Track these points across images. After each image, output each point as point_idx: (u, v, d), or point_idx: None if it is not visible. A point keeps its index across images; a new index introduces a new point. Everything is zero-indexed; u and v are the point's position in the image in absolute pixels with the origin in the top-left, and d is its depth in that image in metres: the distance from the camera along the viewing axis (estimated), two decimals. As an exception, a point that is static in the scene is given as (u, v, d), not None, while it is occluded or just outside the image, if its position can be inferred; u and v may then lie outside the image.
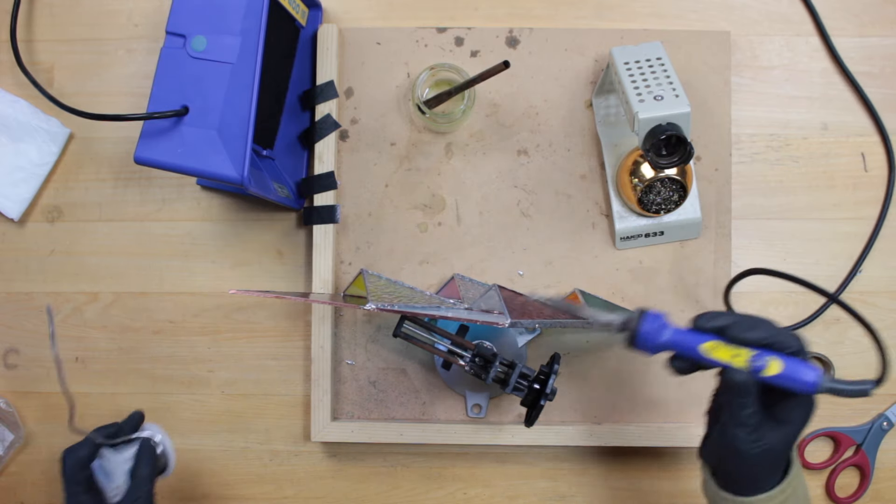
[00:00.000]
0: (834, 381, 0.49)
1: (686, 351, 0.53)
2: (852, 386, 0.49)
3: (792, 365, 0.50)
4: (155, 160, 0.60)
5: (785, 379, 0.49)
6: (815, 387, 0.49)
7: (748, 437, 0.51)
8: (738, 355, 0.51)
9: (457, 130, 0.76)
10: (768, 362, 0.50)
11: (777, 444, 0.51)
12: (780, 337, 0.51)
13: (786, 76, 0.77)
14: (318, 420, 0.73)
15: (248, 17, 0.61)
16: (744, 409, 0.50)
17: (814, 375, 0.49)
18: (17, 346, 0.78)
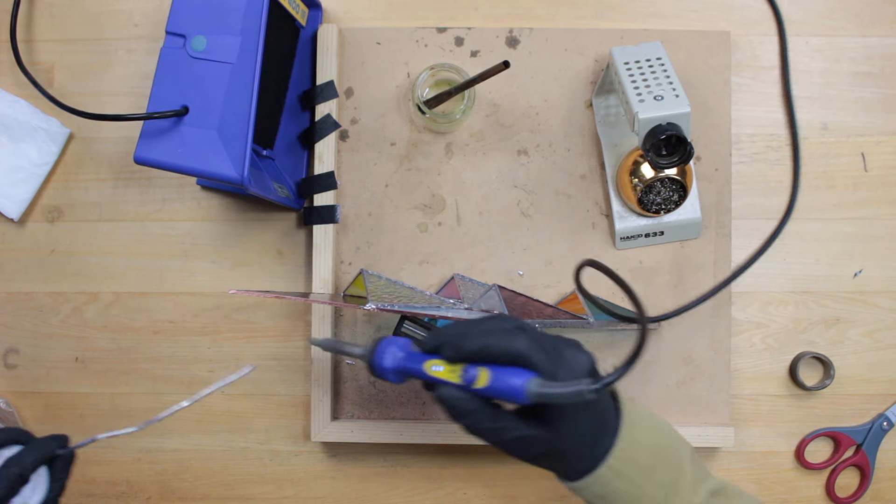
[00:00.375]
0: (544, 387, 0.45)
1: (416, 373, 0.51)
2: (565, 389, 0.44)
3: (498, 375, 0.47)
4: (155, 160, 0.60)
5: (495, 390, 0.47)
6: (522, 396, 0.45)
7: (513, 445, 0.49)
8: (454, 370, 0.49)
9: (457, 130, 0.76)
10: (478, 374, 0.47)
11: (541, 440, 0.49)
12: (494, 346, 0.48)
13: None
14: (318, 420, 0.73)
15: (248, 17, 0.61)
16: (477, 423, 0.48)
17: (518, 386, 0.46)
18: (17, 346, 0.78)
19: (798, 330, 0.76)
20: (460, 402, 0.48)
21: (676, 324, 0.74)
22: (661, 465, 0.51)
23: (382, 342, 0.53)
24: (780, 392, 0.76)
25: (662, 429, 0.53)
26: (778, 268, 0.76)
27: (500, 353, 0.48)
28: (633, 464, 0.50)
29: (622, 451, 0.50)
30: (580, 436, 0.49)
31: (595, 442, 0.50)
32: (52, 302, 0.78)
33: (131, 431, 0.58)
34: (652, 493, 0.50)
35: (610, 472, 0.50)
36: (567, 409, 0.48)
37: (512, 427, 0.49)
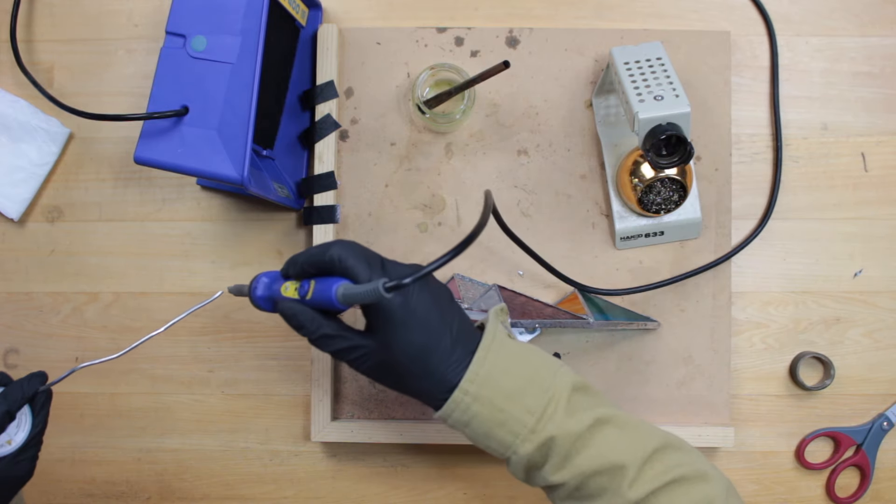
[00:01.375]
0: (349, 289, 0.49)
1: (277, 298, 0.55)
2: (364, 288, 0.47)
3: (319, 285, 0.51)
4: (155, 160, 0.60)
5: (318, 301, 0.51)
6: (336, 302, 0.50)
7: (350, 357, 0.52)
8: (296, 288, 0.53)
9: (457, 130, 0.76)
10: (309, 287, 0.52)
11: (374, 350, 0.52)
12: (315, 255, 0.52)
13: (786, 76, 0.77)
14: (318, 420, 0.73)
15: (248, 17, 0.61)
16: (311, 333, 0.52)
17: (331, 293, 0.50)
18: (17, 346, 0.78)
19: (798, 330, 0.76)
20: (293, 313, 0.52)
21: (676, 324, 0.74)
22: (530, 392, 0.51)
23: (258, 276, 0.57)
24: (780, 392, 0.76)
25: (535, 360, 0.53)
26: (778, 268, 0.76)
27: (321, 261, 0.52)
28: (492, 387, 0.50)
29: (477, 375, 0.50)
30: (413, 347, 0.50)
31: (438, 361, 0.51)
32: (52, 302, 0.78)
33: (112, 358, 0.61)
34: (519, 417, 0.50)
35: (467, 397, 0.50)
36: (392, 320, 0.50)
37: (345, 336, 0.52)
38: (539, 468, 0.52)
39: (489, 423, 0.51)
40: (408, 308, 0.50)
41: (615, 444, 0.51)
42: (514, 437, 0.51)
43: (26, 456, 0.57)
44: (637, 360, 0.75)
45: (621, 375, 0.75)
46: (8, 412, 0.55)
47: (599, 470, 0.50)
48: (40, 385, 0.58)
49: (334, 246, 0.52)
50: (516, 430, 0.50)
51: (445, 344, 0.51)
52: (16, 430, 0.57)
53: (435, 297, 0.52)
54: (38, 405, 0.58)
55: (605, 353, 0.75)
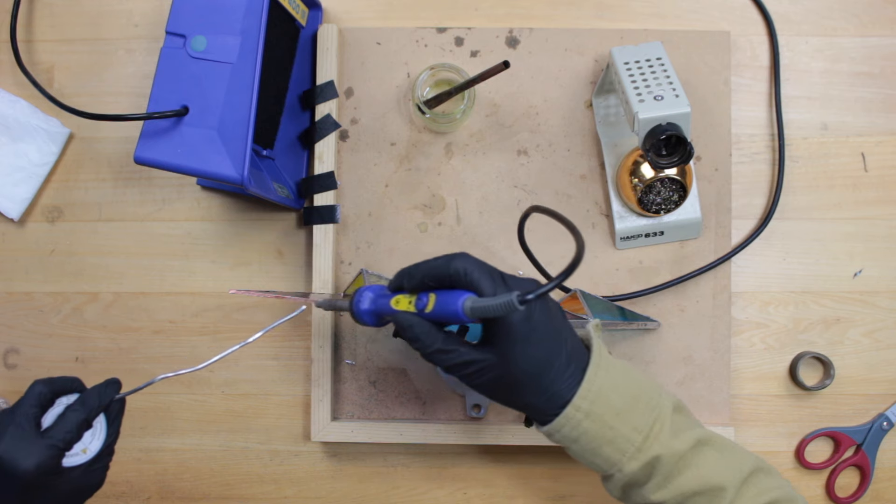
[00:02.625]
0: (478, 302, 0.47)
1: (384, 311, 0.53)
2: (495, 301, 0.46)
3: (443, 298, 0.49)
4: (155, 160, 0.60)
5: (440, 314, 0.49)
6: (462, 314, 0.48)
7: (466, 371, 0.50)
8: (410, 301, 0.52)
9: (457, 130, 0.76)
10: (428, 300, 0.50)
11: (492, 364, 0.50)
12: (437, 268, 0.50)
13: (786, 76, 0.77)
14: (318, 420, 0.73)
15: (248, 17, 0.62)
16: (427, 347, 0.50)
17: (457, 307, 0.48)
18: (17, 346, 0.78)
19: (798, 330, 0.76)
20: (410, 325, 0.50)
21: (676, 324, 0.74)
22: (637, 410, 0.51)
23: (360, 289, 0.55)
24: (780, 392, 0.76)
25: (639, 378, 0.53)
26: (778, 268, 0.76)
27: (444, 274, 0.50)
28: (603, 405, 0.50)
29: (589, 392, 0.50)
30: (531, 363, 0.50)
31: (554, 377, 0.50)
32: (52, 302, 0.78)
33: (191, 371, 0.59)
34: (627, 436, 0.50)
35: (579, 413, 0.50)
36: (513, 335, 0.49)
37: (462, 350, 0.50)
38: (640, 486, 0.52)
39: (598, 441, 0.51)
40: (530, 323, 0.49)
41: (715, 465, 0.51)
42: (622, 454, 0.51)
43: (100, 465, 0.56)
44: (637, 360, 0.75)
45: (621, 375, 0.75)
46: (86, 420, 0.54)
47: (700, 491, 0.51)
48: (115, 393, 0.57)
49: (457, 258, 0.50)
50: (624, 447, 0.51)
51: (562, 359, 0.51)
52: (90, 439, 0.56)
53: (552, 312, 0.52)
54: (113, 414, 0.57)
55: (605, 353, 0.75)
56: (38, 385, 0.55)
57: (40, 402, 0.54)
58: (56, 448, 0.52)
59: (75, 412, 0.54)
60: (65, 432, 0.52)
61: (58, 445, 0.52)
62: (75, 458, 0.54)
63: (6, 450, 0.50)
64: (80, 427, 0.54)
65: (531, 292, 0.45)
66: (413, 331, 0.50)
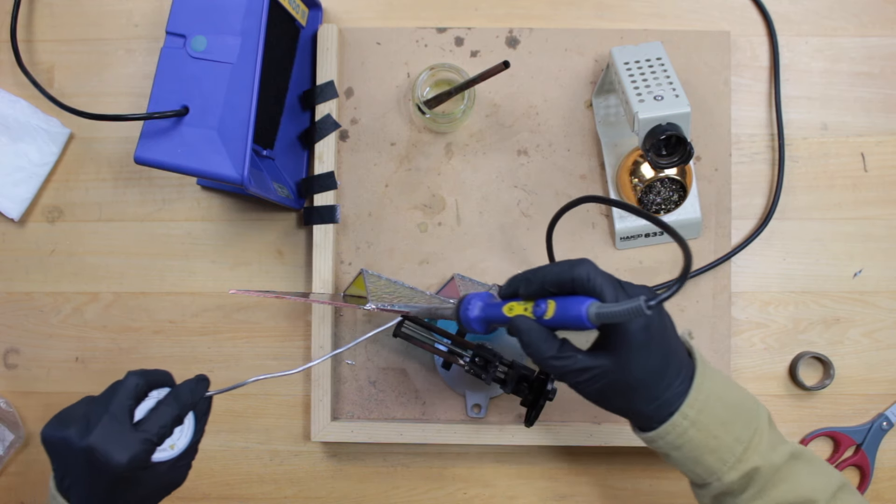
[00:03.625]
0: (604, 307, 0.46)
1: (496, 319, 0.53)
2: (623, 306, 0.45)
3: (563, 304, 0.49)
4: (155, 160, 0.60)
5: (561, 320, 0.49)
6: (587, 322, 0.47)
7: (582, 378, 0.50)
8: (527, 308, 0.51)
9: (457, 130, 0.76)
10: (547, 307, 0.49)
11: (608, 371, 0.49)
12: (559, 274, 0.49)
13: (786, 76, 0.77)
14: (318, 420, 0.73)
15: (248, 17, 0.62)
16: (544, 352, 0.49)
17: (581, 310, 0.47)
18: (17, 346, 0.78)
19: (798, 330, 0.76)
20: (529, 329, 0.49)
21: (676, 324, 0.74)
22: (739, 421, 0.51)
23: (467, 297, 0.55)
24: (780, 392, 0.76)
25: (738, 387, 0.54)
26: (778, 268, 0.76)
27: (565, 280, 0.49)
28: (709, 414, 0.51)
29: (696, 401, 0.50)
30: (647, 371, 0.50)
31: (666, 385, 0.50)
32: (53, 302, 0.78)
33: (287, 374, 0.59)
34: (730, 446, 0.51)
35: (686, 421, 0.50)
36: (632, 342, 0.49)
37: (579, 357, 0.50)
38: (734, 496, 0.52)
39: (701, 449, 0.51)
40: (649, 330, 0.49)
41: (807, 479, 0.52)
42: (723, 464, 0.51)
43: (185, 462, 0.56)
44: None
45: (621, 375, 0.75)
46: (179, 416, 0.53)
47: (793, 503, 0.51)
48: (206, 390, 0.56)
49: (582, 264, 0.49)
50: (725, 457, 0.51)
51: (674, 367, 0.51)
52: (179, 435, 0.55)
53: (666, 320, 0.52)
54: (201, 411, 0.56)
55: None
56: (133, 377, 0.53)
57: (135, 394, 0.53)
58: (149, 442, 0.51)
59: (169, 407, 0.53)
60: (159, 426, 0.52)
61: (151, 440, 0.51)
62: (163, 453, 0.54)
63: (100, 441, 0.49)
64: (174, 422, 0.53)
65: (655, 297, 0.44)
66: (531, 336, 0.50)
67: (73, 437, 0.50)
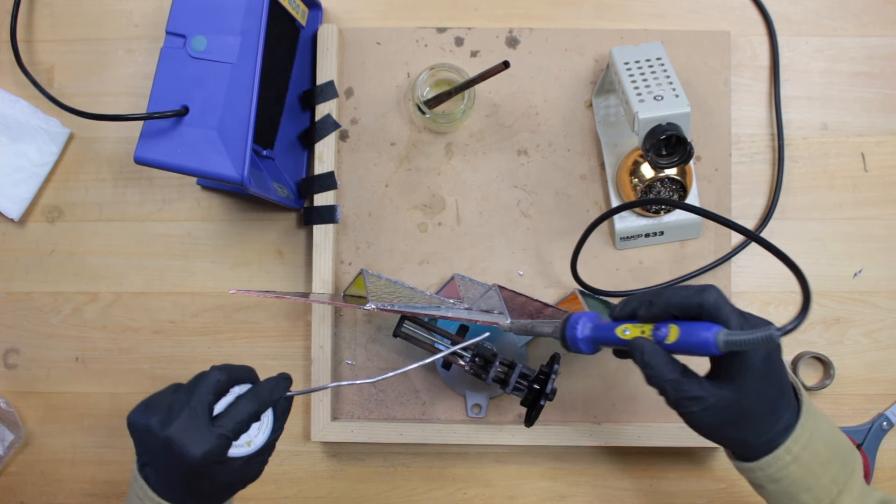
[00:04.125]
0: (732, 335, 0.46)
1: (607, 340, 0.53)
2: (754, 334, 0.45)
3: (688, 329, 0.49)
4: (155, 160, 0.60)
5: (686, 345, 0.49)
6: (713, 346, 0.47)
7: (697, 407, 0.50)
8: (644, 331, 0.51)
9: (457, 130, 0.76)
10: (669, 331, 0.49)
11: (727, 401, 0.49)
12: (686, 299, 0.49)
13: (786, 76, 0.77)
14: (318, 420, 0.73)
15: (248, 17, 0.62)
16: (664, 375, 0.50)
17: (708, 336, 0.47)
18: (17, 346, 0.78)
19: (798, 330, 0.76)
20: (652, 352, 0.50)
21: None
22: (837, 462, 0.51)
23: (573, 316, 0.55)
24: (780, 392, 0.76)
25: (837, 429, 0.54)
26: (778, 268, 0.76)
27: (692, 305, 0.49)
28: (811, 452, 0.51)
29: (801, 437, 0.51)
30: (764, 402, 0.50)
31: (777, 418, 0.50)
32: (53, 302, 0.78)
33: (367, 382, 0.60)
34: (826, 487, 0.51)
35: (788, 456, 0.50)
36: (754, 372, 0.49)
37: (694, 382, 0.50)
38: None
39: (798, 486, 0.51)
40: (769, 361, 0.50)
41: None
42: (817, 503, 0.51)
43: (261, 459, 0.56)
44: (637, 360, 0.75)
45: (621, 375, 0.75)
46: (257, 413, 0.54)
47: None
48: (286, 390, 0.57)
49: (710, 290, 0.49)
50: (821, 496, 0.51)
51: (785, 401, 0.51)
52: (256, 432, 0.55)
53: (781, 355, 0.52)
54: (280, 410, 0.57)
55: (605, 352, 0.75)
56: (215, 372, 0.54)
57: (217, 389, 0.53)
58: (225, 438, 0.51)
59: (248, 404, 0.53)
60: (235, 423, 0.52)
61: (227, 435, 0.52)
62: (240, 448, 0.54)
63: (178, 433, 0.50)
64: (251, 419, 0.53)
65: (783, 328, 0.45)
66: (654, 358, 0.50)
67: (155, 426, 0.51)
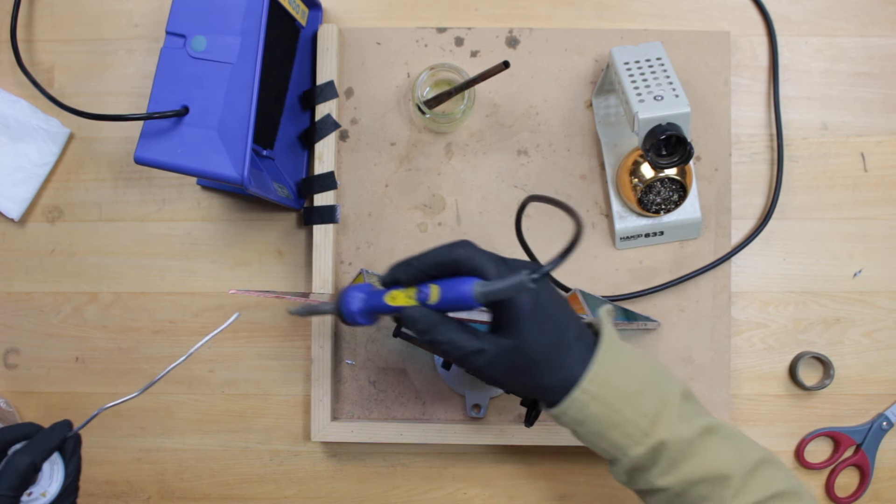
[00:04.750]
0: (488, 285, 0.47)
1: (379, 308, 0.52)
2: (506, 282, 0.45)
3: (446, 286, 0.49)
4: (155, 160, 0.60)
5: (447, 302, 0.49)
6: (473, 301, 0.47)
7: (479, 361, 0.50)
8: (410, 295, 0.51)
9: (457, 130, 0.76)
10: (430, 291, 0.50)
11: (508, 349, 0.50)
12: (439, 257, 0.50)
13: (786, 76, 0.77)
14: (318, 420, 0.73)
15: (248, 17, 0.62)
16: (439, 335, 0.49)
17: (466, 290, 0.48)
18: (17, 346, 0.78)
19: (798, 330, 0.76)
20: (419, 317, 0.49)
21: (676, 324, 0.74)
22: (645, 395, 0.51)
23: (346, 290, 0.54)
24: (779, 392, 0.76)
25: (648, 362, 0.53)
26: (778, 268, 0.76)
27: (447, 262, 0.49)
28: (610, 389, 0.50)
29: (597, 375, 0.50)
30: (543, 344, 0.50)
31: (564, 356, 0.50)
32: (53, 302, 0.78)
33: (132, 397, 0.60)
34: (634, 420, 0.50)
35: (586, 396, 0.50)
36: (524, 317, 0.49)
37: (472, 336, 0.50)
38: (645, 471, 0.52)
39: (604, 424, 0.51)
40: (538, 303, 0.50)
41: (721, 453, 0.51)
42: (627, 438, 0.51)
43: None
44: (637, 360, 0.75)
45: (621, 375, 0.75)
46: (32, 464, 0.53)
47: (705, 478, 0.50)
48: (67, 432, 0.56)
49: (459, 246, 0.50)
50: (630, 432, 0.50)
51: (570, 336, 0.51)
52: (49, 482, 0.55)
53: (555, 292, 0.52)
54: (69, 452, 0.56)
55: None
56: None
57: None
58: (6, 497, 0.52)
59: (22, 457, 0.53)
60: (10, 480, 0.52)
61: (7, 495, 0.52)
62: (36, 502, 0.55)
63: None
64: (28, 471, 0.53)
65: (539, 270, 0.45)
66: (422, 323, 0.49)
67: None
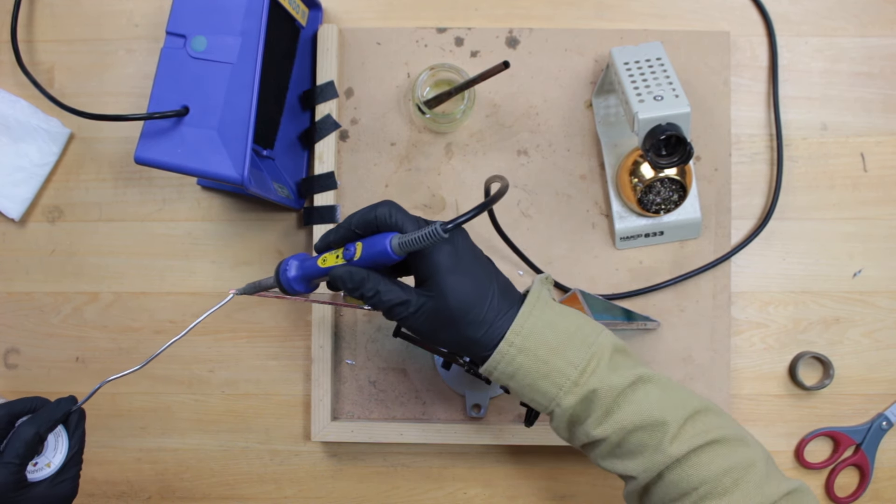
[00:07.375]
0: (403, 237, 0.50)
1: (313, 273, 0.55)
2: (421, 232, 0.49)
3: (368, 243, 0.52)
4: (155, 160, 0.60)
5: (370, 257, 0.52)
6: (392, 252, 0.50)
7: (405, 312, 0.52)
8: (338, 255, 0.54)
9: (457, 130, 0.76)
10: (355, 249, 0.53)
11: (430, 301, 0.52)
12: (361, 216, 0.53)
13: (785, 76, 0.77)
14: (318, 420, 0.73)
15: (248, 18, 0.62)
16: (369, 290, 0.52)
17: (385, 243, 0.51)
18: (17, 346, 0.78)
19: (798, 330, 0.76)
20: (347, 274, 0.52)
21: (676, 324, 0.74)
22: (573, 346, 0.52)
23: (283, 261, 0.57)
24: (779, 392, 0.76)
25: (579, 318, 0.54)
26: (778, 268, 0.76)
27: (369, 220, 0.53)
28: (536, 340, 0.52)
29: (522, 328, 0.52)
30: (463, 294, 0.51)
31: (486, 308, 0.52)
32: (53, 302, 0.78)
33: (134, 371, 0.62)
34: (562, 369, 0.52)
35: (513, 349, 0.52)
36: (441, 267, 0.51)
37: (399, 290, 0.52)
38: (581, 423, 0.53)
39: (533, 375, 0.52)
40: (456, 255, 0.52)
41: (657, 401, 0.52)
42: (558, 388, 0.52)
43: (67, 476, 0.58)
44: (637, 360, 0.75)
45: (621, 375, 0.75)
46: (38, 434, 0.55)
47: (641, 425, 0.51)
48: (72, 406, 0.58)
49: (381, 205, 0.53)
50: (559, 381, 0.52)
51: (494, 291, 0.53)
52: (54, 453, 0.58)
53: (476, 249, 0.55)
54: (73, 425, 0.59)
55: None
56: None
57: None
58: (13, 465, 0.53)
59: (27, 428, 0.55)
60: (17, 448, 0.54)
61: (14, 462, 0.53)
62: (41, 472, 0.57)
63: None
64: (34, 441, 0.55)
65: (453, 221, 0.48)
66: (350, 280, 0.52)
67: None
